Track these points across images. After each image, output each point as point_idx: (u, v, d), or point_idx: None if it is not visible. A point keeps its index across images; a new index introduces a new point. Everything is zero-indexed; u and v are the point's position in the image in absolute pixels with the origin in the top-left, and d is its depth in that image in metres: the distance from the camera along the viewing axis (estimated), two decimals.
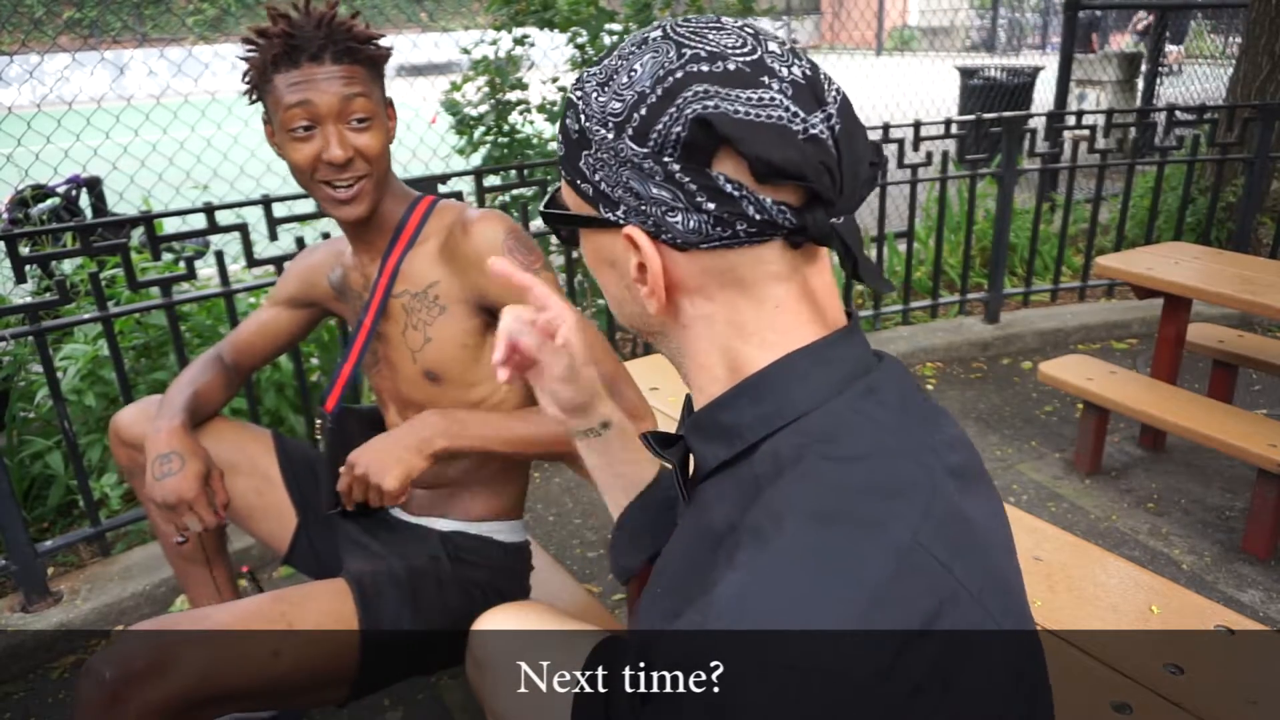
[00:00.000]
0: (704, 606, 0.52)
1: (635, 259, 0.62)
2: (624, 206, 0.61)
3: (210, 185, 3.47)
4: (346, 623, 1.28)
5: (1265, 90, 4.29)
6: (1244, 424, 2.29)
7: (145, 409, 1.55)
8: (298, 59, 1.21)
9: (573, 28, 3.40)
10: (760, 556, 0.53)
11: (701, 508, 0.66)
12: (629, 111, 0.59)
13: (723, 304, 0.63)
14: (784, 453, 0.60)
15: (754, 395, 0.63)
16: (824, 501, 0.55)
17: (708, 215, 0.59)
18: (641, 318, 0.67)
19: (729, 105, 0.57)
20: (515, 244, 1.29)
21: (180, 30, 15.15)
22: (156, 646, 1.12)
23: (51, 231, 2.36)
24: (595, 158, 0.61)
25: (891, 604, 0.51)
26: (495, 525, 1.44)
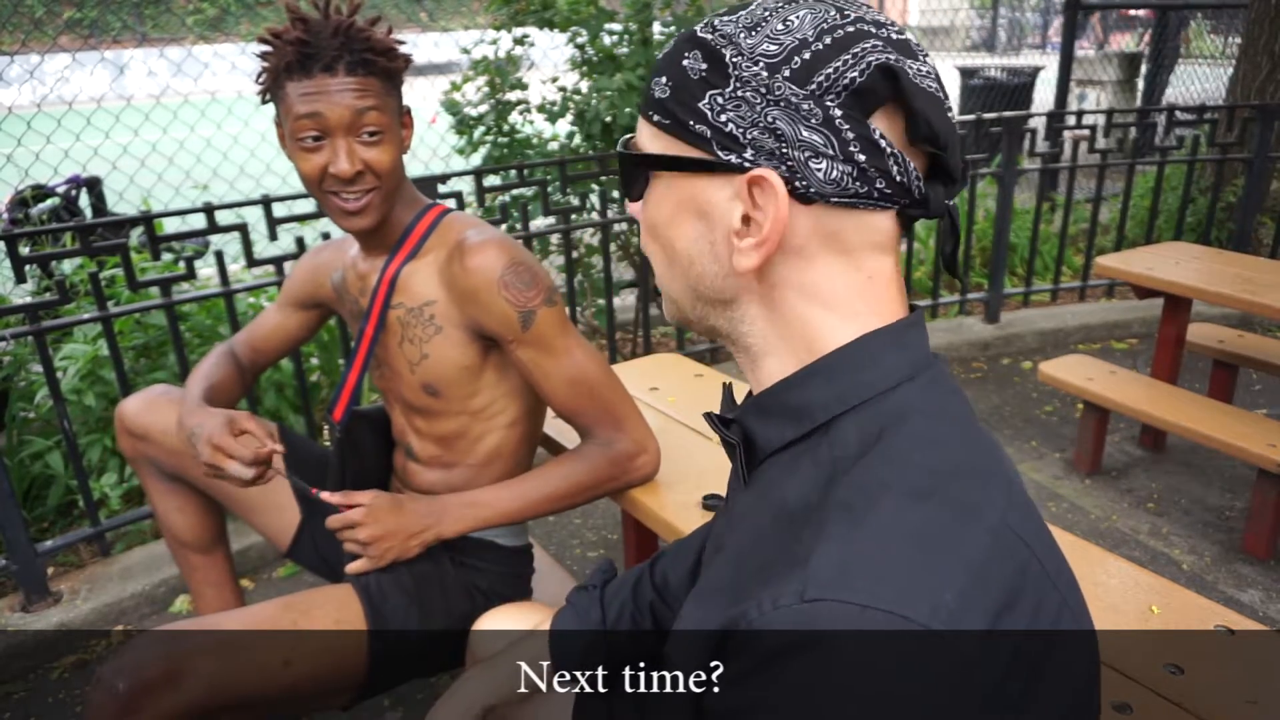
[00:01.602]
0: (796, 581, 0.51)
1: (742, 209, 0.60)
2: (755, 149, 0.59)
3: (210, 185, 3.47)
4: (355, 629, 1.28)
5: (1265, 90, 4.29)
6: (1244, 424, 2.29)
7: (150, 398, 1.55)
8: (310, 68, 1.18)
9: (573, 28, 3.40)
10: (857, 531, 0.53)
11: (766, 488, 0.64)
12: (788, 54, 0.58)
13: (819, 268, 0.62)
14: (865, 431, 0.59)
15: (829, 374, 0.62)
16: (918, 480, 0.55)
17: (854, 167, 0.58)
18: (715, 280, 0.64)
19: (902, 65, 0.58)
20: (512, 278, 1.26)
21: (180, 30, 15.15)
22: (169, 656, 1.12)
23: (51, 231, 2.36)
24: (731, 96, 0.59)
25: (989, 582, 0.52)
26: (497, 529, 1.44)
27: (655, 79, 0.64)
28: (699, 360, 2.72)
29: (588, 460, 1.34)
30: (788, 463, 0.63)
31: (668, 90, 0.62)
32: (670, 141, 0.63)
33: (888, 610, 0.49)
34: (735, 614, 0.54)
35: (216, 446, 1.27)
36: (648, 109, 0.64)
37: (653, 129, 0.64)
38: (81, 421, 2.40)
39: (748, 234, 0.60)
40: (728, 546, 0.68)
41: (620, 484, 1.38)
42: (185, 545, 1.63)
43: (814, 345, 0.63)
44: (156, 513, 1.61)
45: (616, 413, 1.34)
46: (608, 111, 3.16)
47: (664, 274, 0.68)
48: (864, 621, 0.48)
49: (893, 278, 0.64)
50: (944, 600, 0.50)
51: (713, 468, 1.49)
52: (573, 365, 1.30)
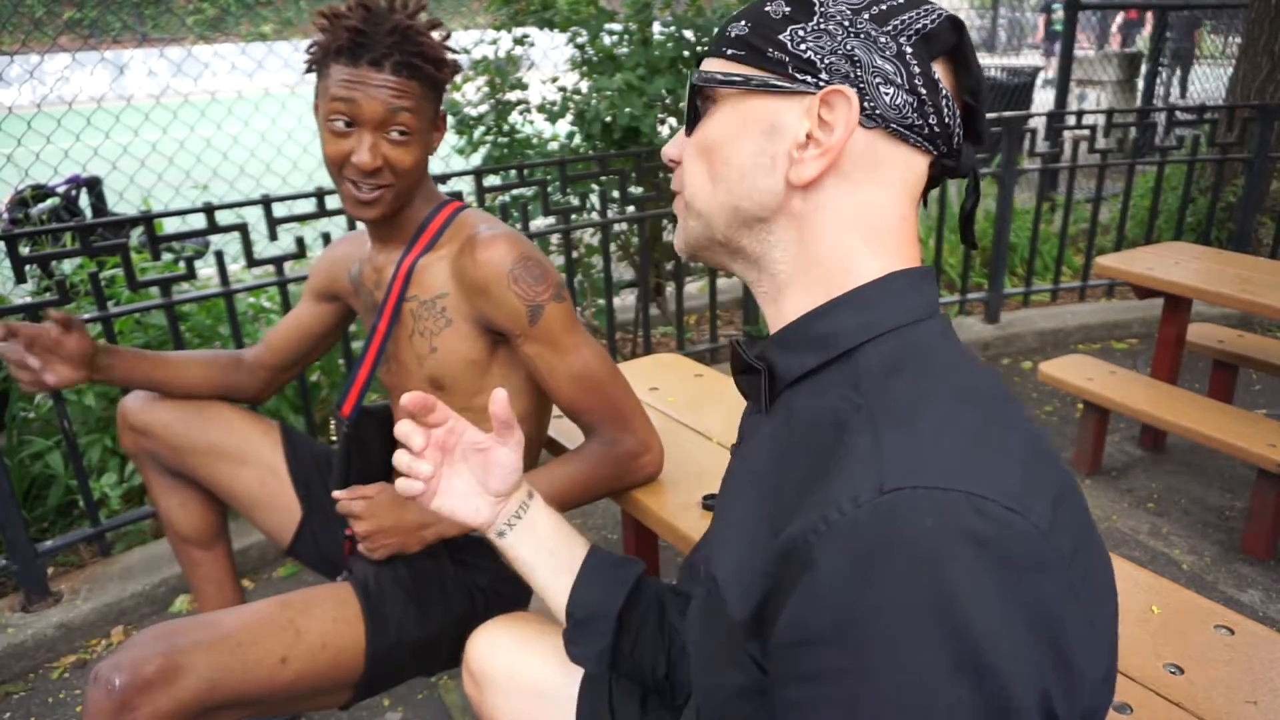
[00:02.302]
0: (868, 478, 0.53)
1: (808, 126, 0.65)
2: (830, 73, 0.65)
3: (210, 185, 3.47)
4: (353, 627, 1.28)
5: (1265, 90, 4.29)
6: (1244, 424, 2.29)
7: (151, 394, 1.56)
8: (359, 58, 1.19)
9: (573, 28, 3.40)
10: (915, 429, 0.56)
11: (790, 413, 0.67)
12: (869, 3, 0.66)
13: (861, 196, 0.67)
14: (891, 353, 0.63)
15: (857, 305, 0.66)
16: (955, 392, 0.59)
17: (915, 99, 0.65)
18: (763, 194, 0.68)
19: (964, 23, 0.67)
20: (521, 272, 1.27)
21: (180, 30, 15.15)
22: (166, 653, 1.11)
23: (51, 231, 2.35)
24: (813, 29, 0.66)
25: (1041, 476, 0.56)
26: None
27: (732, 24, 0.70)
28: (699, 360, 2.73)
29: (592, 458, 1.34)
30: (813, 387, 0.67)
31: (746, 29, 0.69)
32: (742, 68, 0.69)
33: (967, 491, 0.51)
34: (801, 528, 0.55)
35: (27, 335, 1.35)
36: (722, 46, 0.70)
37: (724, 61, 0.70)
38: (81, 421, 2.40)
39: (810, 147, 0.65)
40: (749, 476, 0.70)
41: (624, 483, 1.38)
42: (186, 540, 1.63)
43: (842, 277, 0.67)
44: (158, 508, 1.61)
45: (622, 411, 1.34)
46: (608, 111, 3.15)
47: (702, 191, 0.72)
48: (947, 503, 0.51)
49: (912, 225, 0.69)
50: (1012, 485, 0.53)
51: (712, 467, 1.49)
52: (579, 362, 1.30)
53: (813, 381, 0.67)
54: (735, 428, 1.62)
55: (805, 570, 0.54)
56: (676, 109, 3.53)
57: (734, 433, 1.60)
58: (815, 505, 0.55)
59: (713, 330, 3.35)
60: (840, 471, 0.56)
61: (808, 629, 0.54)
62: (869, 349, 0.64)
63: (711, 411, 1.72)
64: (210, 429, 1.52)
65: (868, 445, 0.56)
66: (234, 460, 1.52)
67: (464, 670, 1.13)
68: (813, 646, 0.53)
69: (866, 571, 0.51)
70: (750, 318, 3.33)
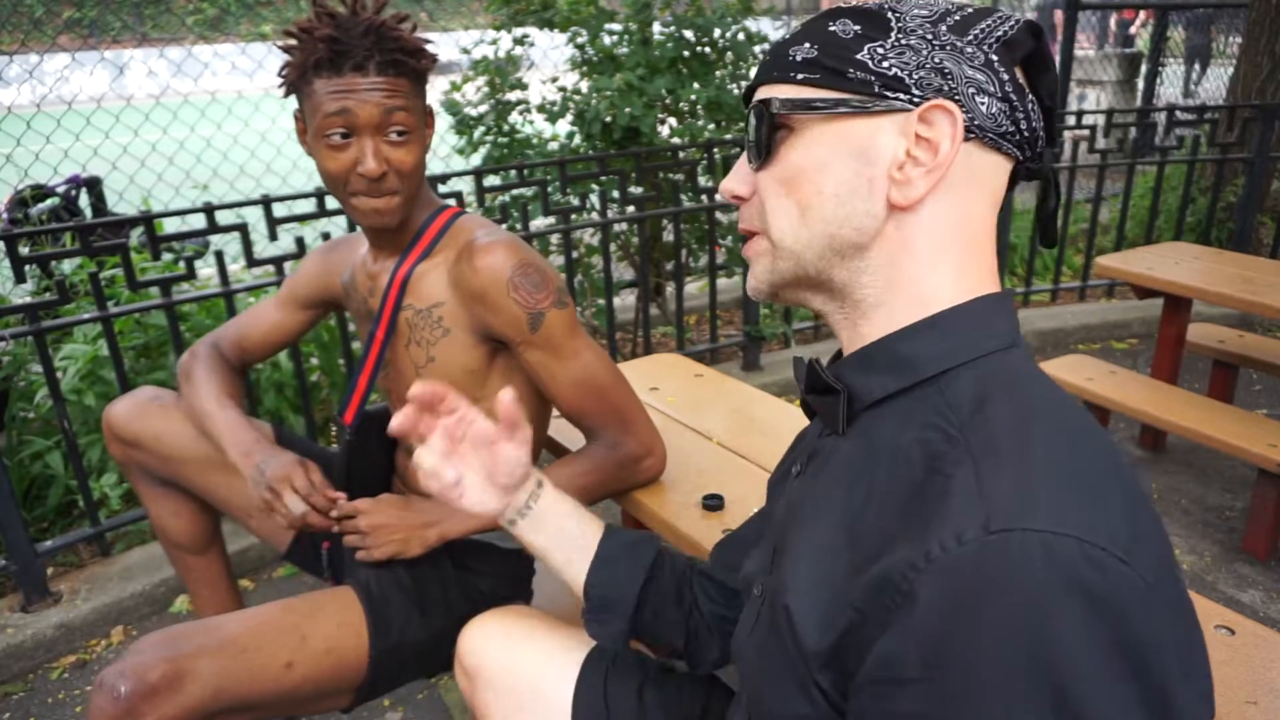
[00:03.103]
0: (972, 516, 0.52)
1: (905, 144, 0.63)
2: (921, 88, 0.63)
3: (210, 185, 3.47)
4: (356, 631, 1.28)
5: (1265, 90, 4.28)
6: (1244, 424, 2.28)
7: (139, 403, 1.52)
8: (341, 66, 1.16)
9: (573, 28, 3.40)
10: (1018, 467, 0.54)
11: (872, 438, 0.65)
12: (941, 14, 0.65)
13: (962, 209, 0.65)
14: (979, 385, 0.62)
15: (944, 330, 0.65)
16: (1053, 426, 0.57)
17: (1008, 105, 0.64)
18: (861, 220, 0.66)
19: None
20: (521, 280, 1.25)
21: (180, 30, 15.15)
22: (171, 659, 1.11)
23: (51, 231, 2.36)
24: (894, 45, 0.64)
25: (1140, 514, 0.55)
26: (498, 532, 1.44)
27: (793, 47, 0.68)
28: (699, 360, 2.73)
29: (594, 461, 1.34)
30: (895, 413, 0.65)
31: (814, 51, 0.66)
32: (819, 91, 0.66)
33: (1078, 538, 0.50)
34: (898, 563, 0.53)
35: (284, 478, 1.29)
36: (788, 71, 0.67)
37: (796, 86, 0.67)
38: (81, 421, 2.40)
39: (912, 167, 0.64)
40: (823, 503, 0.67)
41: (626, 485, 1.38)
42: (180, 547, 1.62)
43: (928, 299, 0.66)
44: (150, 516, 1.60)
45: (624, 414, 1.34)
46: (608, 111, 3.15)
47: (792, 226, 0.68)
48: (1059, 550, 0.49)
49: (994, 238, 0.68)
50: (1119, 531, 0.51)
51: (712, 468, 1.49)
52: (581, 367, 1.30)
53: (893, 406, 0.66)
54: (735, 427, 1.63)
55: (901, 607, 0.52)
56: (677, 109, 3.53)
57: (734, 432, 1.61)
58: (913, 540, 0.53)
59: (713, 330, 3.35)
60: (940, 507, 0.54)
61: (899, 667, 0.52)
62: (955, 376, 0.63)
63: (711, 411, 1.72)
64: (201, 438, 1.49)
65: (968, 481, 0.54)
66: (227, 469, 1.49)
67: (456, 664, 1.13)
68: (902, 685, 0.52)
69: (968, 612, 0.50)
70: (750, 317, 3.33)
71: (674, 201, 3.03)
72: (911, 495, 0.57)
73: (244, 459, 1.36)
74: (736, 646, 0.78)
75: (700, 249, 3.71)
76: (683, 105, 3.50)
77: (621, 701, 1.02)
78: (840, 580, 0.59)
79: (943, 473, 0.56)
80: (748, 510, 1.35)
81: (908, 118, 0.63)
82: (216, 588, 1.67)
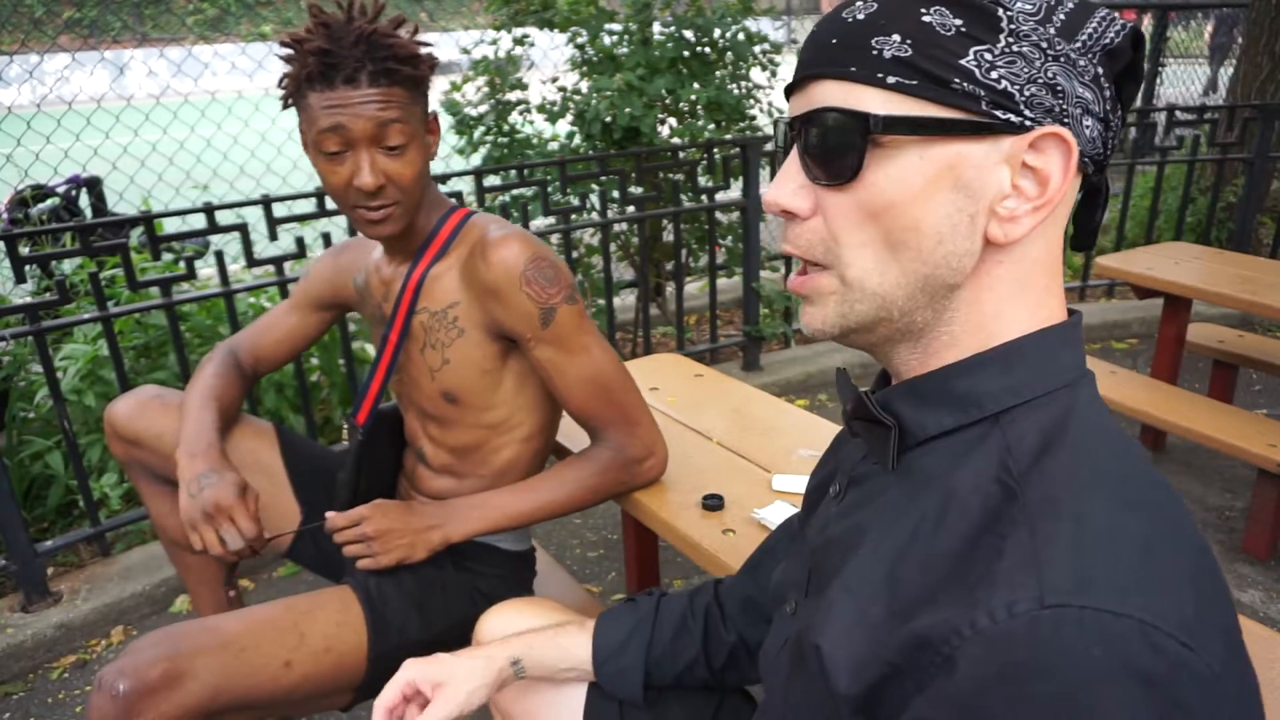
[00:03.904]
0: (1028, 586, 0.47)
1: (1010, 174, 0.55)
2: (1032, 108, 0.54)
3: (210, 185, 3.47)
4: (355, 630, 1.28)
5: (1265, 90, 4.29)
6: (1244, 424, 2.28)
7: (141, 402, 1.51)
8: (333, 79, 1.14)
9: (573, 28, 3.40)
10: (1080, 535, 0.49)
11: (923, 477, 0.60)
12: (1046, 12, 0.55)
13: (1047, 239, 0.59)
14: (1043, 428, 0.56)
15: (1005, 364, 0.58)
16: (1120, 487, 0.53)
17: (1105, 126, 0.57)
18: (960, 259, 0.57)
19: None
20: (535, 274, 1.24)
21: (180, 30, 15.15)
22: (170, 658, 1.11)
23: (51, 231, 2.35)
24: (1004, 51, 0.54)
25: (1208, 592, 0.50)
26: (503, 536, 1.44)
27: (877, 38, 0.56)
28: (699, 360, 2.73)
29: (598, 463, 1.34)
30: (950, 452, 0.59)
31: (908, 49, 0.55)
32: (918, 103, 0.55)
33: (1140, 619, 0.46)
34: (941, 625, 0.50)
35: (223, 509, 1.26)
36: (875, 71, 0.56)
37: (886, 93, 0.56)
38: (81, 421, 2.40)
39: (1017, 200, 0.56)
40: (863, 538, 0.63)
41: (629, 486, 1.38)
42: (181, 546, 1.62)
43: (992, 329, 0.59)
44: (151, 515, 1.59)
45: (630, 415, 1.34)
46: (608, 111, 3.16)
47: (879, 264, 0.59)
48: (1118, 631, 0.45)
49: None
50: (1185, 613, 0.47)
51: (712, 468, 1.49)
52: (590, 365, 1.29)
53: (949, 444, 0.60)
54: (735, 427, 1.63)
55: (942, 672, 0.49)
56: (677, 109, 3.53)
57: (734, 432, 1.61)
58: (959, 601, 0.50)
59: (713, 330, 3.35)
60: (991, 570, 0.50)
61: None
62: (1017, 417, 0.57)
63: (711, 411, 1.72)
64: None
65: (1023, 544, 0.50)
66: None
67: None
68: None
69: (1014, 690, 0.46)
70: (750, 318, 3.33)
71: (674, 201, 3.03)
72: (962, 550, 0.53)
73: (188, 460, 1.32)
74: (767, 661, 0.76)
75: (700, 249, 3.71)
76: (683, 105, 3.50)
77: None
78: (877, 626, 0.56)
79: (997, 531, 0.52)
80: (747, 510, 1.35)
81: (1015, 142, 0.55)
82: (216, 587, 1.67)
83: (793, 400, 3.24)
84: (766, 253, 3.72)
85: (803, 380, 3.38)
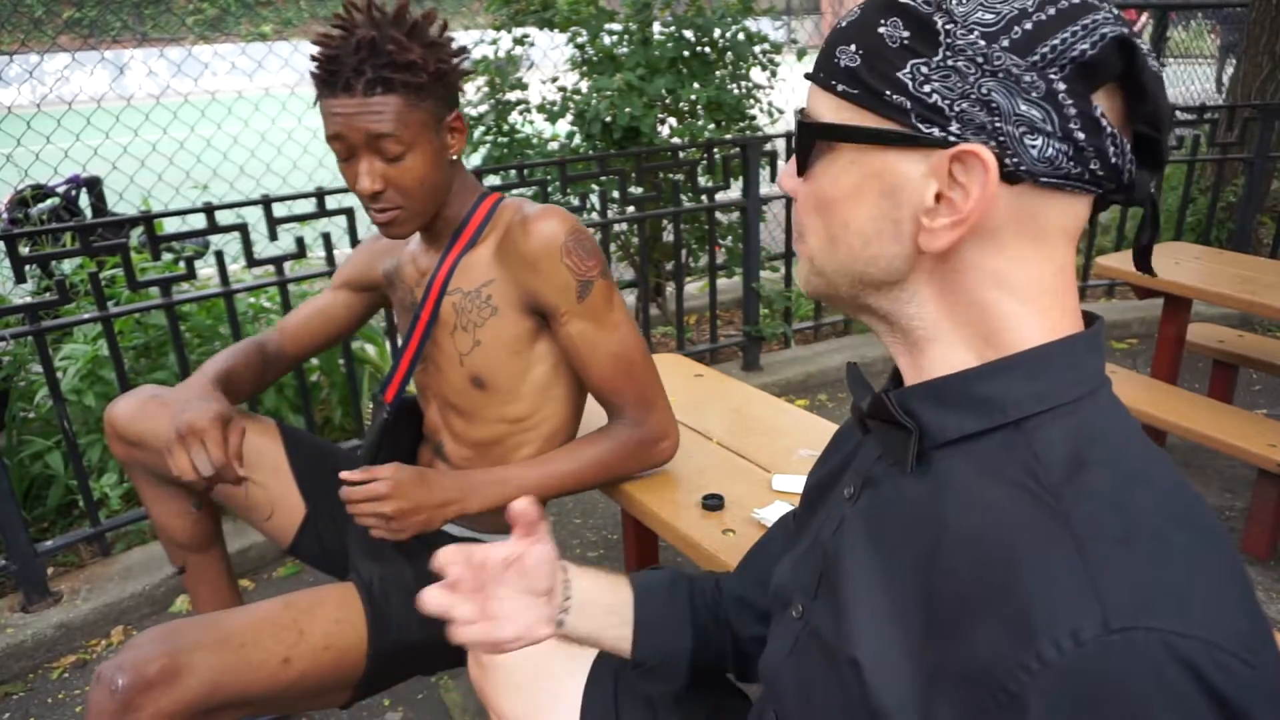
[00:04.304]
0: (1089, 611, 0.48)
1: (936, 186, 0.57)
2: (961, 123, 0.55)
3: (210, 185, 3.47)
4: (356, 628, 1.28)
5: (1265, 90, 4.29)
6: (1244, 424, 2.28)
7: (140, 402, 1.51)
8: (334, 87, 1.17)
9: (573, 28, 3.40)
10: (1129, 547, 0.50)
11: (946, 483, 0.60)
12: (1006, 23, 0.55)
13: (1011, 254, 0.59)
14: (1073, 438, 0.56)
15: (1029, 370, 0.59)
16: (1162, 500, 0.53)
17: (1070, 145, 0.55)
18: (890, 261, 0.61)
19: (1135, 40, 0.55)
20: (575, 245, 1.27)
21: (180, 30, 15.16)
22: (169, 653, 1.11)
23: (51, 231, 2.36)
24: (938, 66, 0.56)
25: (1250, 599, 0.52)
26: (505, 538, 1.44)
27: (840, 47, 0.60)
28: (699, 360, 2.73)
29: (616, 440, 1.36)
30: (970, 457, 0.60)
31: (858, 59, 0.59)
32: (857, 112, 0.59)
33: (1204, 639, 0.47)
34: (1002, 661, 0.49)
35: (196, 431, 1.22)
36: (830, 78, 0.60)
37: (835, 100, 0.60)
38: (81, 421, 2.40)
39: (940, 213, 0.57)
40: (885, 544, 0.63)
41: (643, 466, 1.41)
42: (181, 546, 1.62)
43: (1000, 337, 0.60)
44: (151, 515, 1.60)
45: (649, 394, 1.36)
46: (608, 111, 3.16)
47: (822, 251, 0.64)
48: (1186, 652, 0.46)
49: (1074, 275, 0.62)
50: (1240, 626, 0.48)
51: (711, 467, 1.49)
52: (618, 340, 1.32)
53: (968, 448, 0.60)
54: (735, 427, 1.63)
55: (1008, 708, 0.49)
56: (677, 109, 3.53)
57: (734, 432, 1.61)
58: (1015, 629, 0.50)
59: (713, 330, 3.35)
60: (1045, 594, 0.50)
61: None
62: (1043, 424, 0.58)
63: (711, 411, 1.72)
64: None
65: (1076, 568, 0.50)
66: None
67: (470, 654, 1.13)
68: None
69: (1092, 714, 0.47)
70: (750, 317, 3.33)
71: (674, 201, 3.03)
72: (1001, 566, 0.53)
73: (178, 388, 1.34)
74: (771, 666, 0.75)
75: (700, 249, 3.71)
76: (683, 105, 3.50)
77: (632, 697, 1.02)
78: (917, 643, 0.56)
79: (1040, 551, 0.51)
80: (747, 510, 1.35)
81: (941, 155, 0.56)
82: (217, 586, 1.67)
83: (793, 400, 3.24)
84: (766, 253, 3.73)
85: (803, 380, 3.38)
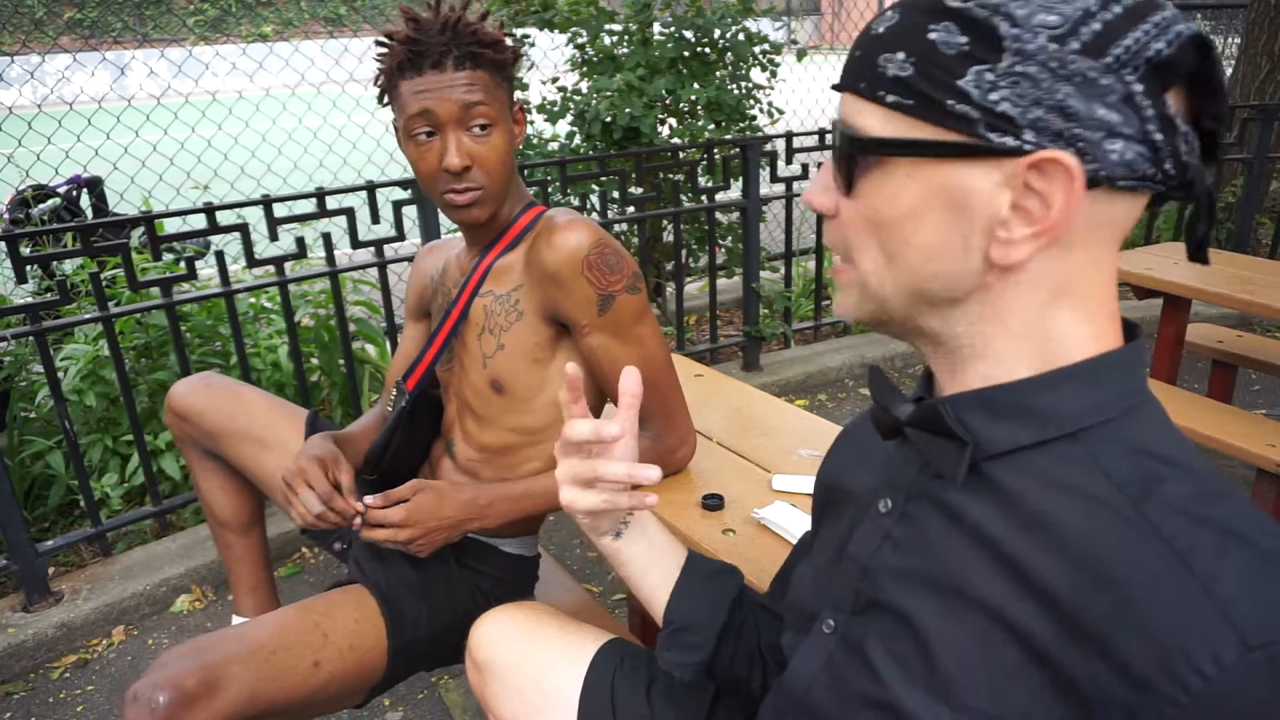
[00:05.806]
0: (1220, 632, 0.48)
1: (1010, 197, 0.54)
2: (1036, 130, 0.53)
3: (211, 185, 3.47)
4: (375, 626, 1.29)
5: (1265, 90, 4.29)
6: (1243, 424, 2.29)
7: (194, 382, 1.58)
8: (421, 65, 1.20)
9: (573, 28, 3.41)
10: (1233, 560, 0.51)
11: (1008, 498, 0.59)
12: (1072, 25, 0.52)
13: (1076, 260, 0.57)
14: (1137, 446, 0.56)
15: (1086, 382, 0.58)
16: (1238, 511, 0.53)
17: (1149, 147, 0.53)
18: (956, 278, 0.58)
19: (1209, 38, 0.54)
20: (598, 258, 1.25)
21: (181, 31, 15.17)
22: (204, 667, 1.11)
23: (52, 232, 2.36)
24: (1006, 72, 0.53)
25: None
26: (507, 540, 1.45)
27: (883, 55, 0.57)
28: (699, 360, 2.73)
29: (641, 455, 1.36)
30: (1028, 470, 0.59)
31: (909, 67, 0.55)
32: (913, 124, 0.56)
33: None
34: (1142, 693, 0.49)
35: (300, 471, 1.27)
36: (877, 89, 0.57)
37: (885, 111, 0.57)
38: (82, 421, 2.41)
39: (1016, 224, 0.55)
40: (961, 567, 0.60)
41: None
42: (223, 524, 1.66)
43: (1053, 346, 0.59)
44: (198, 490, 1.65)
45: (670, 406, 1.35)
46: (608, 112, 3.16)
47: (877, 271, 0.61)
48: None
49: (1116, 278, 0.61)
50: None
51: (711, 468, 1.50)
52: (640, 355, 1.30)
53: (1022, 460, 0.59)
54: (735, 427, 1.63)
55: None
56: (677, 109, 3.53)
57: (734, 432, 1.61)
58: (1149, 667, 0.49)
59: (713, 330, 3.36)
60: (1168, 620, 0.49)
61: None
62: (1102, 436, 0.57)
63: (711, 411, 1.72)
64: (239, 415, 1.56)
65: (1186, 585, 0.50)
66: (257, 443, 1.55)
67: (468, 657, 1.13)
68: None
69: None
70: (750, 317, 3.33)
71: (674, 202, 3.04)
72: (1105, 589, 0.52)
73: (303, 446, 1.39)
74: (799, 682, 0.73)
75: (700, 249, 3.72)
76: (683, 105, 3.50)
77: (629, 700, 1.02)
78: (1017, 670, 0.56)
79: (1144, 572, 0.51)
80: (747, 510, 1.35)
81: (1016, 164, 0.54)
82: (255, 566, 1.70)
83: (793, 400, 3.25)
84: (766, 253, 3.73)
85: (803, 380, 3.38)
